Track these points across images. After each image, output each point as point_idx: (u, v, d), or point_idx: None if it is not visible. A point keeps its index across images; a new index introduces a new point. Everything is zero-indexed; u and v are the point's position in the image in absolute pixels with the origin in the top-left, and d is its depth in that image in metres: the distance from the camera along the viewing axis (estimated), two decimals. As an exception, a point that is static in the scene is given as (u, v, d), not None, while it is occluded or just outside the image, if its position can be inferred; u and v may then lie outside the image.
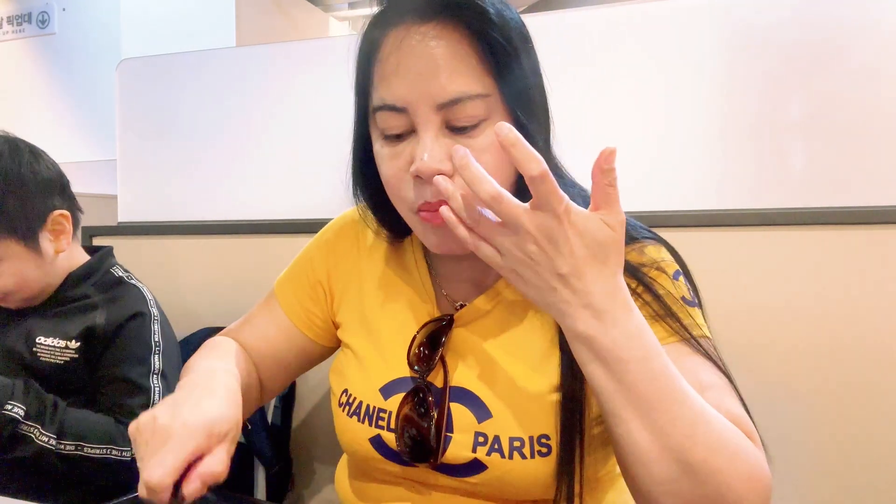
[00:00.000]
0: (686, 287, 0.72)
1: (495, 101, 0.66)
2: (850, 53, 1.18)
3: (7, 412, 0.97)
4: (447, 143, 0.65)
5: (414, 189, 0.67)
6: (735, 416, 0.63)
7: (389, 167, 0.68)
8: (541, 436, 0.69)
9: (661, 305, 0.69)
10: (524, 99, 0.67)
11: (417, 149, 0.65)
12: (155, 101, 1.71)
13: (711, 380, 0.66)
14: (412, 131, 0.66)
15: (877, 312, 1.15)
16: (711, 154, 1.26)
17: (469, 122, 0.65)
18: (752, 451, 0.59)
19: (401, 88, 0.65)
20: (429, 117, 0.64)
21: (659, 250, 0.73)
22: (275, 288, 0.90)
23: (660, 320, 0.68)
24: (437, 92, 0.64)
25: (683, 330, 0.67)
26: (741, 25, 1.25)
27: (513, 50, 0.66)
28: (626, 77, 1.31)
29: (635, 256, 0.72)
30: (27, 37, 3.40)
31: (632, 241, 0.73)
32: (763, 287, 1.20)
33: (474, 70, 0.64)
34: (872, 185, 1.17)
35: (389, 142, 0.68)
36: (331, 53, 1.55)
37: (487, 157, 0.65)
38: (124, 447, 1.03)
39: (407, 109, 0.65)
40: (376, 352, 0.79)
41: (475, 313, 0.76)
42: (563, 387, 0.69)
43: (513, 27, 0.67)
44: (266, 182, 1.60)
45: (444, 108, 0.64)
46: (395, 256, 0.84)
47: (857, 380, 1.16)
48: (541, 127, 0.69)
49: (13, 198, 1.09)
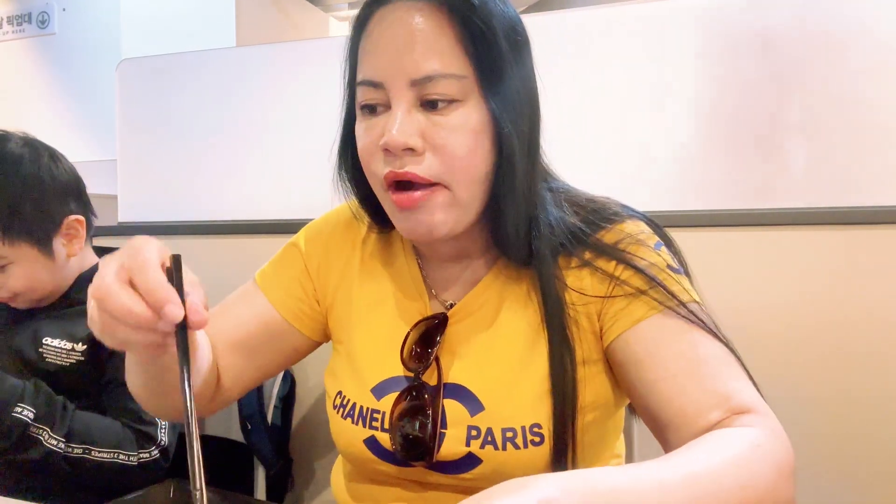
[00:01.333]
0: (670, 256, 0.72)
1: (470, 85, 0.66)
2: (850, 53, 1.18)
3: (17, 415, 0.96)
4: (419, 118, 0.66)
5: (383, 162, 0.68)
6: (730, 393, 0.61)
7: (363, 140, 0.70)
8: (533, 425, 0.69)
9: (642, 279, 0.68)
10: (502, 87, 0.67)
11: (389, 122, 0.66)
12: (155, 101, 1.71)
13: (707, 351, 0.64)
14: (388, 106, 0.67)
15: (877, 312, 1.15)
16: (712, 154, 1.26)
17: (442, 99, 0.65)
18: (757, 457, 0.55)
19: (379, 62, 0.67)
20: (403, 92, 0.66)
21: (637, 224, 0.73)
22: (256, 279, 0.87)
23: (643, 295, 0.67)
24: (411, 67, 0.65)
25: (671, 298, 0.66)
26: (741, 25, 1.25)
27: (493, 37, 0.66)
28: (626, 77, 1.31)
29: (611, 237, 0.72)
30: (27, 37, 3.40)
31: (606, 222, 0.73)
32: (763, 287, 1.20)
33: (452, 50, 0.65)
34: (873, 185, 1.17)
35: (366, 115, 0.69)
36: (331, 53, 1.54)
37: (459, 139, 0.66)
38: (131, 452, 1.03)
39: (383, 84, 0.66)
40: (367, 351, 0.79)
41: (466, 310, 0.76)
42: (553, 374, 0.69)
43: (496, 15, 0.67)
44: (266, 181, 1.60)
45: (417, 84, 0.65)
46: (387, 255, 0.84)
47: (859, 379, 1.16)
48: (520, 118, 0.69)
49: (31, 202, 1.09)
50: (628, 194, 0.81)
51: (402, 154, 0.66)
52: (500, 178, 0.69)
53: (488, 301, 0.76)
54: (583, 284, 0.72)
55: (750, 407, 0.60)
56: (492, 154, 0.68)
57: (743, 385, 0.63)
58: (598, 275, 0.71)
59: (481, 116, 0.67)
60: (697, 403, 0.62)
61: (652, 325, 0.67)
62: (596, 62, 1.32)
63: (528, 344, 0.72)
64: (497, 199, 0.70)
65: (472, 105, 0.66)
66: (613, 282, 0.70)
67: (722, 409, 0.61)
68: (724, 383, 0.62)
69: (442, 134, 0.66)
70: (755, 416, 0.59)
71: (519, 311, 0.74)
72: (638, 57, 1.30)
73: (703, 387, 0.62)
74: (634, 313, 0.68)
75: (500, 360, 0.73)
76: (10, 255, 1.08)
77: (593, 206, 0.75)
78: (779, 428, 0.60)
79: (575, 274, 0.72)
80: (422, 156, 0.66)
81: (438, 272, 0.80)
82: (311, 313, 0.85)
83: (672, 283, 0.68)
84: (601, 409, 0.73)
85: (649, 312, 0.67)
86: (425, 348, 0.75)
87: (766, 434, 0.57)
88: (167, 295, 0.52)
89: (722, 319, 0.69)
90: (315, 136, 1.55)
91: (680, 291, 0.68)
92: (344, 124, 0.77)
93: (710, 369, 0.63)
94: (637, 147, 1.30)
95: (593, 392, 0.72)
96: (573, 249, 0.72)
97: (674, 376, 0.64)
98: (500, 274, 0.76)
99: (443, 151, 0.66)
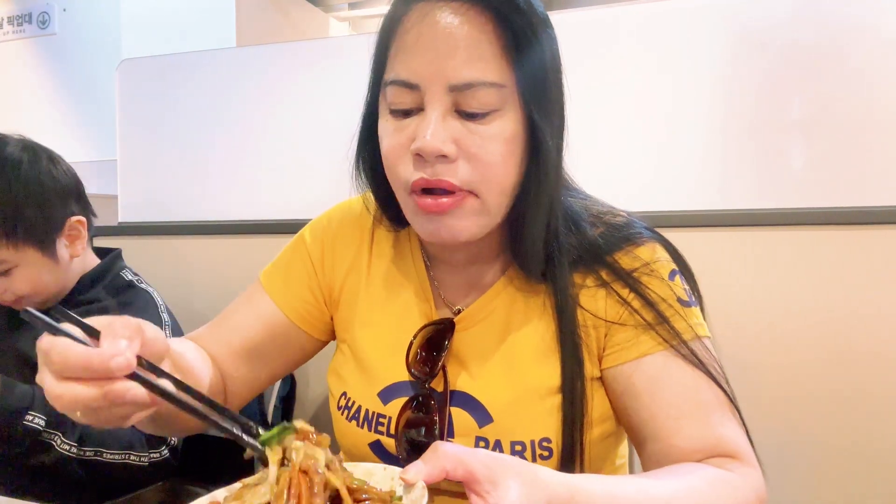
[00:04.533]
0: (682, 287, 0.71)
1: (510, 94, 0.64)
2: (850, 53, 1.18)
3: (28, 423, 0.96)
4: (454, 125, 0.63)
5: (413, 167, 0.65)
6: (719, 438, 0.64)
7: (390, 141, 0.67)
8: (542, 439, 0.69)
9: (651, 313, 0.68)
10: (541, 95, 0.65)
11: (421, 126, 0.63)
12: (155, 101, 1.71)
13: (704, 396, 0.66)
14: (420, 109, 0.64)
15: (878, 312, 1.15)
16: (713, 154, 1.26)
17: (480, 109, 0.63)
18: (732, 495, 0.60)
19: (416, 63, 0.63)
20: (439, 97, 0.63)
21: (654, 250, 0.72)
22: (261, 279, 0.85)
23: (650, 329, 0.68)
24: (451, 73, 0.62)
25: (675, 337, 0.67)
26: (742, 26, 1.24)
27: (536, 42, 0.64)
28: (627, 78, 1.31)
29: (627, 261, 0.71)
30: (27, 37, 3.40)
31: (625, 242, 0.72)
32: (764, 286, 1.20)
33: (494, 57, 0.63)
34: (873, 185, 1.17)
35: (396, 117, 0.66)
36: (331, 54, 1.55)
37: (494, 147, 0.64)
38: (142, 452, 1.03)
39: (419, 86, 0.63)
40: (374, 353, 0.78)
41: (475, 317, 0.75)
42: (564, 389, 0.69)
43: (540, 18, 0.65)
44: (267, 181, 1.60)
45: (455, 90, 0.62)
46: (395, 255, 0.82)
47: (860, 379, 1.16)
48: (554, 129, 0.67)
49: (33, 206, 1.09)
50: (630, 195, 0.81)
51: (435, 161, 0.63)
52: (530, 188, 0.67)
53: (497, 309, 0.75)
54: (597, 305, 0.71)
55: (735, 453, 0.64)
56: (523, 163, 0.66)
57: (732, 431, 0.65)
58: (612, 298, 0.70)
59: (517, 125, 0.65)
60: (688, 442, 0.65)
61: (655, 361, 0.68)
62: (596, 63, 1.32)
63: (540, 357, 0.71)
64: (523, 208, 0.68)
65: (509, 114, 0.64)
66: (626, 309, 0.69)
67: (709, 453, 0.64)
68: (714, 428, 0.65)
69: (477, 142, 0.63)
70: (738, 464, 0.63)
71: (531, 323, 0.73)
72: (638, 58, 1.30)
73: (694, 429, 0.65)
74: (640, 346, 0.68)
75: (511, 372, 0.72)
76: (14, 259, 1.08)
77: (613, 222, 0.74)
78: (759, 478, 0.63)
79: (590, 293, 0.71)
80: (454, 163, 0.63)
81: (447, 276, 0.79)
82: (317, 313, 0.83)
83: (679, 319, 0.68)
84: (607, 424, 0.73)
85: (655, 348, 0.67)
86: (431, 353, 0.73)
87: (741, 479, 0.62)
88: (95, 355, 0.47)
89: (722, 319, 0.69)
90: (315, 136, 1.55)
91: (685, 330, 0.68)
92: (364, 119, 0.74)
93: (704, 413, 0.65)
94: (638, 148, 1.30)
95: (599, 407, 0.72)
96: (589, 265, 0.71)
97: (669, 417, 0.66)
98: (512, 281, 0.75)
99: (476, 159, 0.64)
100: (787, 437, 1.19)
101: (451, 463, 0.49)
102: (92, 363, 0.46)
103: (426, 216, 0.66)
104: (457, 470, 0.49)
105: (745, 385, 0.70)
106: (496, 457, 0.50)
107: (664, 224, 1.26)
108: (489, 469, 0.49)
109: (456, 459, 0.49)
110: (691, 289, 0.73)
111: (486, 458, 0.50)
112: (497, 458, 0.50)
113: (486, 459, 0.50)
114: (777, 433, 1.18)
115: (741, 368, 1.16)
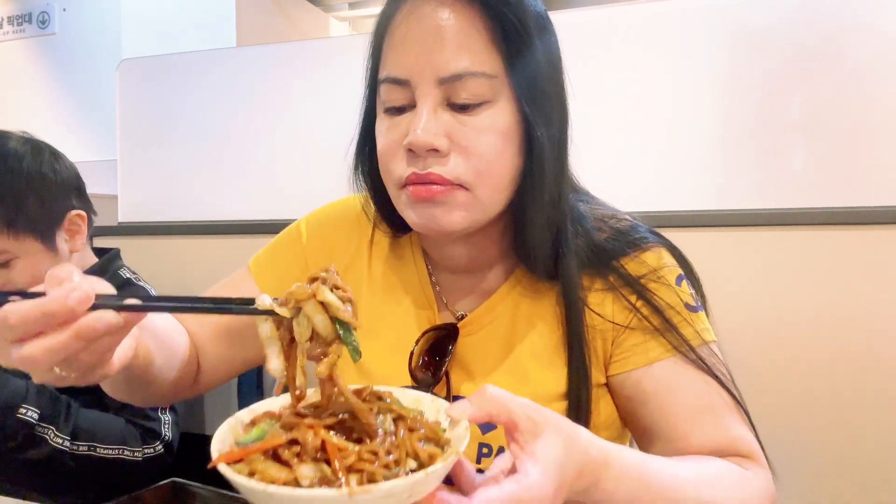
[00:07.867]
0: (689, 292, 0.71)
1: (501, 84, 0.64)
2: (849, 54, 1.18)
3: (21, 416, 0.97)
4: (446, 118, 0.63)
5: (405, 163, 0.65)
6: (733, 438, 0.64)
7: (384, 139, 0.67)
8: None
9: (659, 319, 0.68)
10: (533, 88, 0.65)
11: (413, 121, 0.63)
12: (155, 101, 1.71)
13: (714, 399, 0.66)
14: (413, 105, 0.64)
15: (877, 312, 1.15)
16: (713, 155, 1.26)
17: (470, 100, 0.63)
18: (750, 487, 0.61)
19: (405, 59, 0.63)
20: (429, 90, 0.63)
21: (659, 255, 0.72)
22: (250, 264, 0.84)
23: (659, 336, 0.68)
24: (439, 65, 0.62)
25: (683, 343, 0.67)
26: (742, 26, 1.24)
27: (526, 33, 0.63)
28: (627, 78, 1.31)
29: (634, 267, 0.71)
30: (28, 37, 3.39)
31: (631, 247, 0.71)
32: (764, 286, 1.20)
33: (483, 48, 0.62)
34: (873, 185, 1.17)
35: (389, 114, 0.67)
36: (331, 54, 1.55)
37: (486, 140, 0.63)
38: (136, 448, 1.04)
39: (409, 81, 0.63)
40: (374, 358, 0.77)
41: (479, 322, 0.74)
42: (570, 395, 0.69)
43: (530, 11, 0.65)
44: (266, 181, 1.60)
45: (445, 82, 0.62)
46: (396, 259, 0.81)
47: (860, 379, 1.16)
48: (550, 122, 0.66)
49: (34, 197, 1.11)
50: (629, 195, 0.81)
51: (427, 155, 0.63)
52: (528, 183, 0.66)
53: (502, 314, 0.74)
54: (604, 309, 0.70)
55: (750, 454, 0.65)
56: (519, 157, 0.66)
57: (745, 433, 0.66)
58: (620, 303, 0.70)
59: (511, 118, 0.64)
60: (704, 442, 0.65)
61: (665, 367, 0.68)
62: (597, 63, 1.32)
63: (545, 362, 0.71)
64: (523, 204, 0.67)
65: (501, 105, 0.64)
66: (634, 314, 0.69)
67: (724, 453, 0.65)
68: (728, 429, 0.65)
69: (469, 134, 0.63)
70: (752, 463, 0.64)
71: (536, 328, 0.72)
72: (639, 58, 1.30)
73: (710, 429, 0.65)
74: (650, 353, 0.68)
75: (515, 379, 0.71)
76: (14, 250, 1.09)
77: (618, 226, 0.73)
78: (770, 480, 0.65)
79: (598, 296, 0.71)
80: (446, 157, 0.63)
81: (450, 281, 0.78)
82: None
83: (687, 326, 0.69)
84: (611, 429, 0.73)
85: (664, 354, 0.67)
86: (434, 358, 0.73)
87: (756, 479, 0.63)
88: (53, 297, 0.45)
89: (723, 319, 0.70)
90: (315, 136, 1.55)
91: (693, 336, 0.68)
92: (363, 122, 0.74)
93: (717, 415, 0.66)
94: (638, 148, 1.30)
95: (604, 413, 0.72)
96: (597, 268, 0.71)
97: (683, 419, 0.66)
98: (517, 286, 0.74)
99: (468, 152, 0.63)
100: (787, 437, 1.18)
101: (496, 407, 0.49)
102: (51, 308, 0.44)
103: (418, 206, 0.66)
104: (500, 415, 0.49)
105: (745, 384, 0.70)
106: (540, 410, 0.51)
107: (664, 224, 1.25)
108: (531, 421, 0.49)
109: (501, 405, 0.49)
110: (696, 292, 0.73)
111: (531, 409, 0.50)
112: (541, 412, 0.50)
113: (529, 411, 0.50)
114: (777, 433, 1.18)
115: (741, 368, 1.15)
